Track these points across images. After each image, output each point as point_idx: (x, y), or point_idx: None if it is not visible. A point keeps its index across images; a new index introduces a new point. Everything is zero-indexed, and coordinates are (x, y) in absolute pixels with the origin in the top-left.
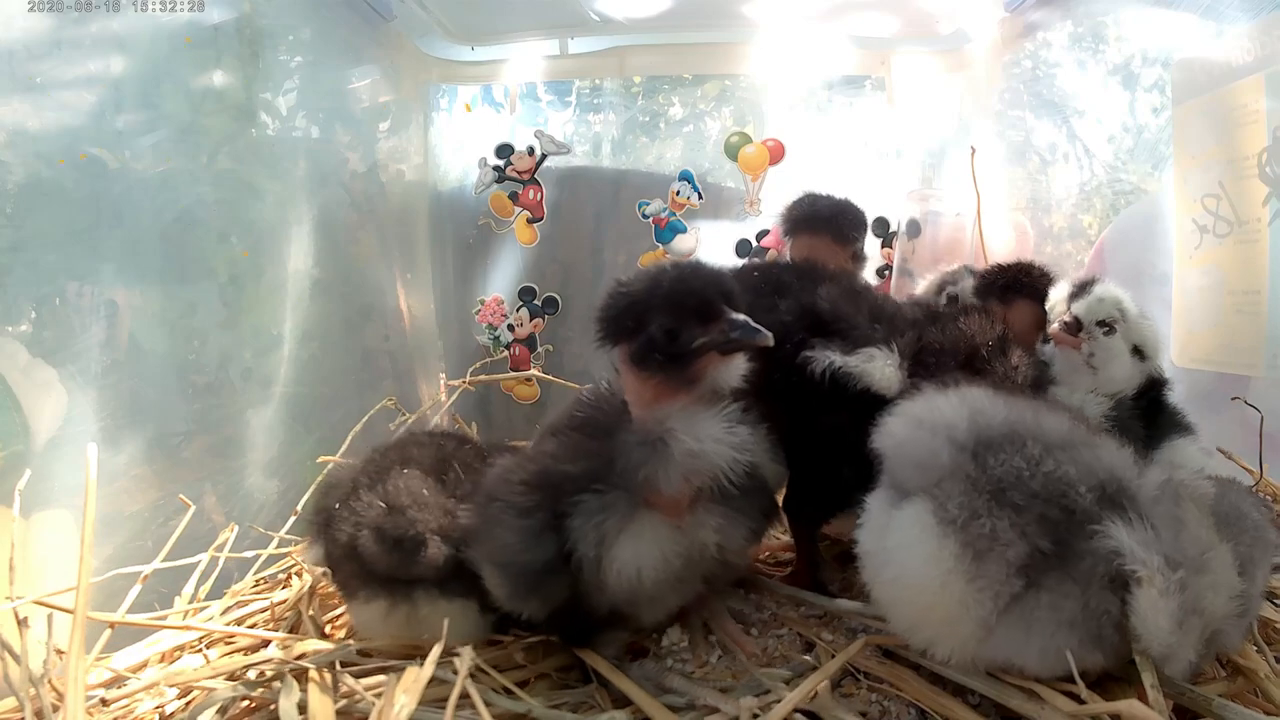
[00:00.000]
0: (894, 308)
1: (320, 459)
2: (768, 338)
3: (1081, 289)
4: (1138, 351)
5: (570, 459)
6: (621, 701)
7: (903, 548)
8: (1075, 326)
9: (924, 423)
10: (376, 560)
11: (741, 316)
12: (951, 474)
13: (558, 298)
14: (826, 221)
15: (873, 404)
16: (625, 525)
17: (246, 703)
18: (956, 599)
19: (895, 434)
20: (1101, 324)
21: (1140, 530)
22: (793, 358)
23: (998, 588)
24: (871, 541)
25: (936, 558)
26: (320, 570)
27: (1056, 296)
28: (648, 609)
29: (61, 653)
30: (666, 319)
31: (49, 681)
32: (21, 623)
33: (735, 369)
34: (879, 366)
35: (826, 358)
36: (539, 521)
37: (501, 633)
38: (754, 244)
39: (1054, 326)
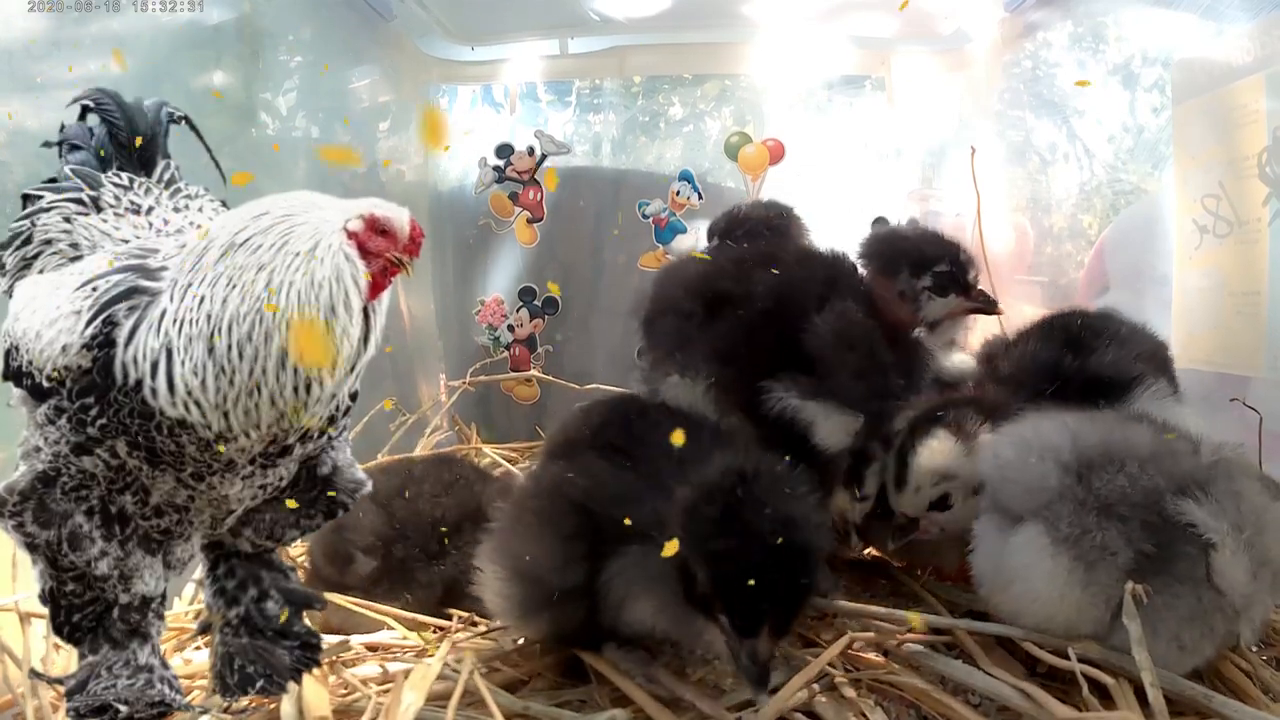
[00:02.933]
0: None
1: None
2: (762, 699)
3: (899, 478)
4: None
5: (621, 500)
6: (622, 701)
7: (1023, 567)
8: (911, 527)
9: (1032, 447)
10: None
11: (764, 659)
12: (1060, 496)
13: (558, 298)
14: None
15: None
16: (651, 587)
17: (247, 700)
18: (1074, 607)
19: (1003, 457)
20: (935, 504)
21: (1210, 505)
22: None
23: (1109, 592)
24: (987, 563)
25: (1053, 574)
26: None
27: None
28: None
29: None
30: (708, 586)
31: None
32: (24, 618)
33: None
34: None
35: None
36: (578, 549)
37: None
38: None
39: (890, 544)
